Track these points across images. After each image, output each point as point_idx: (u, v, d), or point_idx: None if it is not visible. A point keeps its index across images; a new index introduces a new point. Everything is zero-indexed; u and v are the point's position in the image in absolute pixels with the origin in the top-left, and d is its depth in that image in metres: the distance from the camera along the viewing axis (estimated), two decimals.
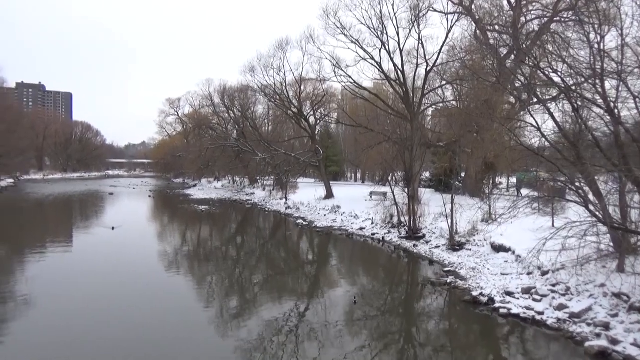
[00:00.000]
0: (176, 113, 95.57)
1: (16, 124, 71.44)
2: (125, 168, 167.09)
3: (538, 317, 13.08)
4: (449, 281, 17.05)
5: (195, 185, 78.36)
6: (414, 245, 23.71)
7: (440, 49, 31.96)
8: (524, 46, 21.92)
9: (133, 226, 31.16)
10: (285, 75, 46.90)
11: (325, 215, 35.32)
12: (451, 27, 31.69)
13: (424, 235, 24.73)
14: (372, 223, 29.23)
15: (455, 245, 21.75)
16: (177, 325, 12.60)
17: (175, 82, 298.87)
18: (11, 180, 76.16)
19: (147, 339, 11.61)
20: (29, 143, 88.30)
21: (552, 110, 16.29)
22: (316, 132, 53.57)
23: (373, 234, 27.38)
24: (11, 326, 12.27)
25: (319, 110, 52.18)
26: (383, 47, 33.73)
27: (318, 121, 54.53)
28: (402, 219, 26.65)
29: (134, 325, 12.41)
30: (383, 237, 26.35)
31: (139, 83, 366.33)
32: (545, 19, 26.37)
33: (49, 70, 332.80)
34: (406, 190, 26.84)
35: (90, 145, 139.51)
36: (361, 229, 29.13)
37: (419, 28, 31.96)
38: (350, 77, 37.42)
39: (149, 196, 60.02)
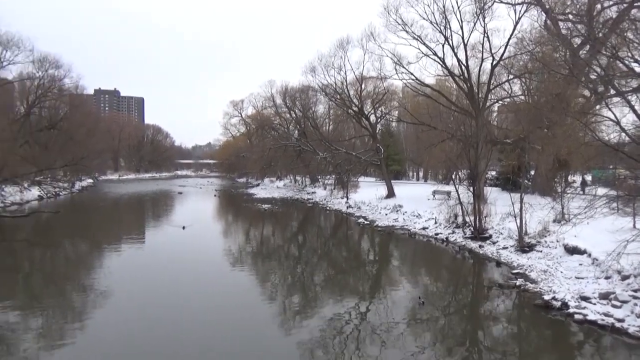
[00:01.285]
0: (240, 114, 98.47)
1: (95, 128, 76.55)
2: (192, 168, 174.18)
3: (618, 325, 12.18)
4: (517, 284, 16.29)
5: (258, 185, 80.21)
6: (480, 246, 22.89)
7: (508, 42, 30.68)
8: (600, 35, 20.50)
9: (201, 225, 32.41)
10: (346, 74, 46.92)
11: (386, 214, 34.96)
12: (519, 18, 30.31)
13: (490, 236, 23.80)
14: (435, 223, 28.56)
15: (524, 247, 20.75)
16: (242, 320, 12.98)
17: (239, 84, 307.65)
18: (90, 181, 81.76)
19: (212, 331, 12.01)
20: (106, 145, 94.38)
21: (632, 103, 15.13)
22: (377, 131, 53.20)
23: (436, 234, 26.75)
24: (91, 316, 13.16)
25: (379, 109, 51.73)
26: (446, 42, 32.87)
27: (379, 119, 54.08)
28: (467, 219, 25.82)
29: (201, 318, 12.89)
30: (447, 237, 25.66)
31: (205, 86, 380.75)
32: (624, 5, 24.51)
33: (123, 77, 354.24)
34: (471, 189, 25.97)
35: (160, 147, 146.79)
36: (424, 228, 28.55)
37: (484, 21, 30.87)
38: (411, 74, 36.79)
39: (215, 195, 62.26)
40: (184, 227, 28.40)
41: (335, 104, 57.01)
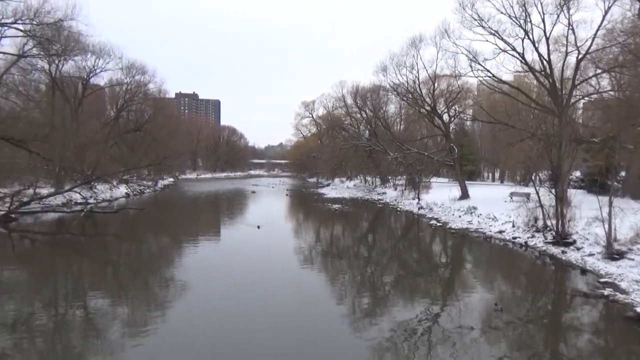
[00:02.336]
0: (311, 115, 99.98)
1: (176, 129, 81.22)
2: (265, 168, 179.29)
3: None
4: (605, 293, 15.08)
5: (328, 185, 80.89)
6: (562, 252, 21.46)
7: (595, 34, 28.63)
8: None
9: (274, 224, 33.22)
10: (418, 72, 46.05)
11: (460, 216, 33.83)
12: (609, 7, 28.13)
13: (574, 241, 22.24)
14: (513, 226, 27.19)
15: (613, 254, 19.17)
16: (311, 317, 13.13)
17: (311, 85, 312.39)
18: (171, 179, 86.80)
19: (282, 326, 12.24)
20: (186, 146, 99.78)
21: None
22: (450, 130, 51.71)
23: (514, 238, 25.47)
24: (171, 306, 13.92)
25: (453, 107, 50.29)
26: (526, 37, 31.25)
27: (452, 118, 52.56)
28: (548, 223, 24.32)
29: (272, 314, 13.19)
30: (526, 242, 24.34)
31: (278, 88, 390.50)
32: None
33: (202, 81, 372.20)
34: (553, 191, 24.43)
35: (235, 148, 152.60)
36: (500, 232, 27.28)
37: (568, 12, 29.08)
38: (488, 70, 35.37)
39: (286, 195, 63.59)
40: (258, 227, 29.08)
41: (406, 103, 56.14)
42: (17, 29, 30.73)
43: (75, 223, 31.36)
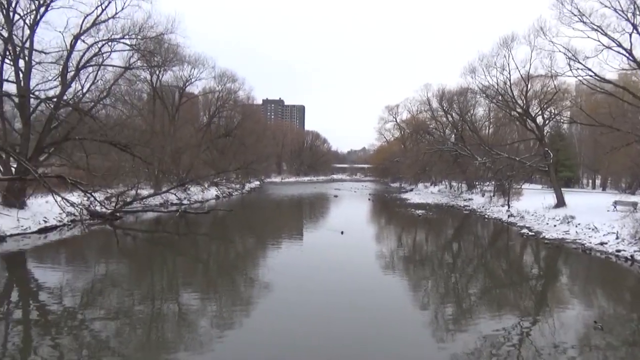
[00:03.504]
0: (394, 119, 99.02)
1: (262, 134, 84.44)
2: (347, 172, 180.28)
3: None
4: None
5: (411, 190, 79.48)
6: None
7: None
8: None
9: (356, 228, 33.29)
10: (509, 73, 43.53)
11: (555, 225, 31.52)
12: None
13: None
14: (617, 238, 24.82)
15: None
16: (393, 324, 12.88)
17: (394, 89, 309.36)
18: (257, 183, 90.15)
19: (363, 332, 12.14)
20: (272, 151, 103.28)
21: None
22: (545, 134, 48.45)
23: (618, 251, 23.22)
24: (255, 305, 14.42)
25: (548, 109, 46.99)
26: (634, 31, 28.43)
27: (547, 121, 49.14)
28: None
29: (352, 319, 13.15)
30: (632, 256, 22.09)
31: (361, 92, 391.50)
32: None
33: (288, 87, 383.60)
34: None
35: (318, 152, 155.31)
36: (602, 243, 25.01)
37: None
38: (589, 69, 32.56)
39: (369, 199, 63.41)
40: (342, 232, 28.89)
41: (496, 106, 53.58)
42: (125, 44, 33.69)
43: (170, 222, 33.69)
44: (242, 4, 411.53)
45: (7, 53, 29.01)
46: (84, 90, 33.34)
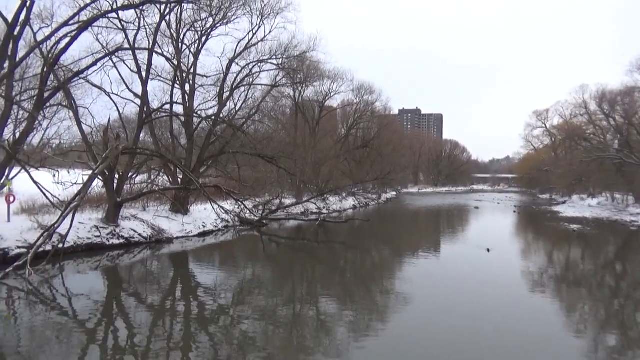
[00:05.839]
0: (543, 125, 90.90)
1: (399, 145, 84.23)
2: (489, 183, 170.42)
3: None
4: None
5: (564, 202, 72.12)
6: None
7: None
8: None
9: (501, 242, 31.20)
10: None
11: None
12: None
13: None
14: None
15: None
16: (540, 353, 11.70)
17: (541, 93, 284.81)
18: (394, 193, 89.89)
19: (506, 356, 11.31)
20: (408, 161, 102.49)
21: None
22: None
23: None
24: (391, 316, 14.37)
25: None
26: None
27: None
28: None
29: (498, 348, 12.29)
30: None
31: (503, 98, 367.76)
32: None
33: (425, 96, 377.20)
34: None
35: (457, 162, 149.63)
36: None
37: None
38: None
39: (514, 212, 59.06)
40: (488, 250, 26.48)
41: None
42: (272, 64, 36.75)
43: (311, 230, 35.31)
44: (381, 20, 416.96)
45: (177, 79, 33.43)
46: (237, 108, 37.27)
